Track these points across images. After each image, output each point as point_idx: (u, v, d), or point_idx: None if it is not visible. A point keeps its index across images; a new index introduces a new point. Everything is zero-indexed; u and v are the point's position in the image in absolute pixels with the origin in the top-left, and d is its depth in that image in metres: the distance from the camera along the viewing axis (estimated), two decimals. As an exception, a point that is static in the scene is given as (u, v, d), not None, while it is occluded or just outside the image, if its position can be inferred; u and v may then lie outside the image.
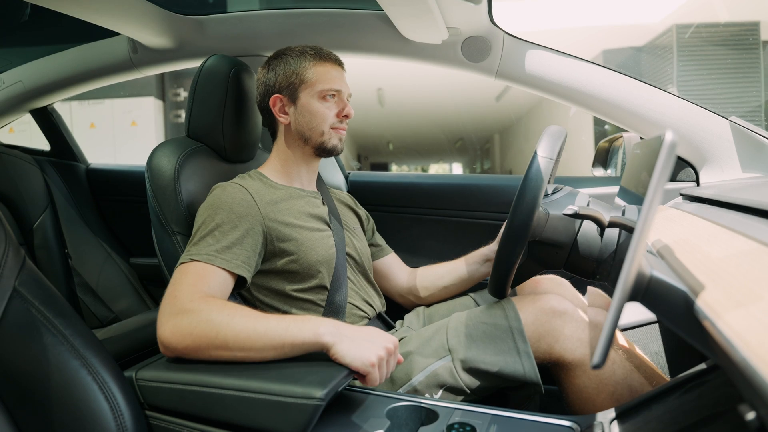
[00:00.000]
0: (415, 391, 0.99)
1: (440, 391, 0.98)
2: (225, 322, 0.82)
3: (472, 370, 0.98)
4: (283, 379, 0.77)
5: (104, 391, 0.76)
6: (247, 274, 0.99)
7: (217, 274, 0.94)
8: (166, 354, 0.86)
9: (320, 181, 1.31)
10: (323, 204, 1.23)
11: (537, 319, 1.00)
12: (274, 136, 1.24)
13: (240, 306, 0.87)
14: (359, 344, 0.81)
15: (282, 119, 1.19)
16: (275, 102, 1.18)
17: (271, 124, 1.23)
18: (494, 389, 1.00)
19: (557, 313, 1.00)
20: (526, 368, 0.96)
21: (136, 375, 0.84)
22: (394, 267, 1.41)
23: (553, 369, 1.01)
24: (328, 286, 1.14)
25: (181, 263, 0.95)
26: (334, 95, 1.17)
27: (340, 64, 1.21)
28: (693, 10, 5.35)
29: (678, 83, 5.30)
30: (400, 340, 1.09)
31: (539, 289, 1.22)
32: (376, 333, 0.84)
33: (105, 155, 5.96)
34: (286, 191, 1.17)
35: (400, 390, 1.00)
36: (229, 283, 0.96)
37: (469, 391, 0.98)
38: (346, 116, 1.19)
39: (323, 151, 1.20)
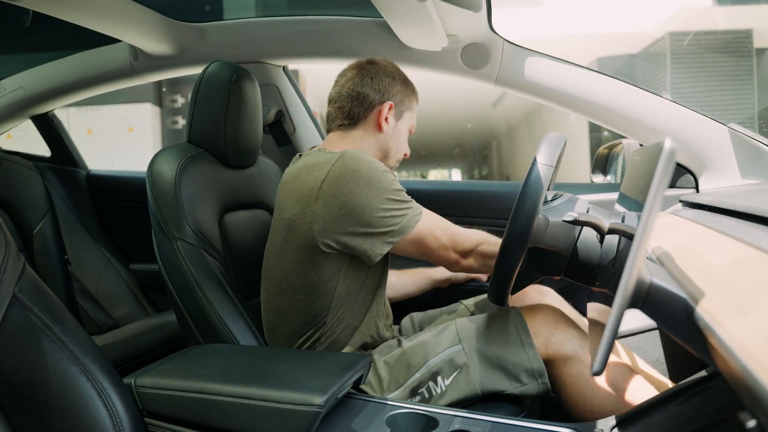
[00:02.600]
0: (431, 374, 1.02)
1: (452, 376, 1.01)
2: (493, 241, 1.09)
3: (480, 358, 1.02)
4: (282, 385, 0.77)
5: (103, 398, 0.76)
6: None
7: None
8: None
9: None
10: None
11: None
12: (349, 124, 1.18)
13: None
14: None
15: (384, 125, 1.18)
16: (388, 107, 1.17)
17: (356, 116, 1.17)
18: (500, 389, 1.01)
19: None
20: (531, 357, 1.00)
21: (135, 382, 0.83)
22: None
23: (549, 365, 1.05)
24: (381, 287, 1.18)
25: (417, 219, 1.04)
26: (410, 134, 1.26)
27: None
28: (687, 18, 5.38)
29: (672, 90, 5.32)
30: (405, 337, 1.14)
31: (526, 300, 1.24)
32: None
33: (102, 162, 5.97)
34: None
35: (416, 374, 1.02)
36: None
37: (477, 383, 1.01)
38: (406, 155, 1.26)
39: None
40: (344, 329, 1.10)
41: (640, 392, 0.97)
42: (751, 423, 0.39)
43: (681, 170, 1.34)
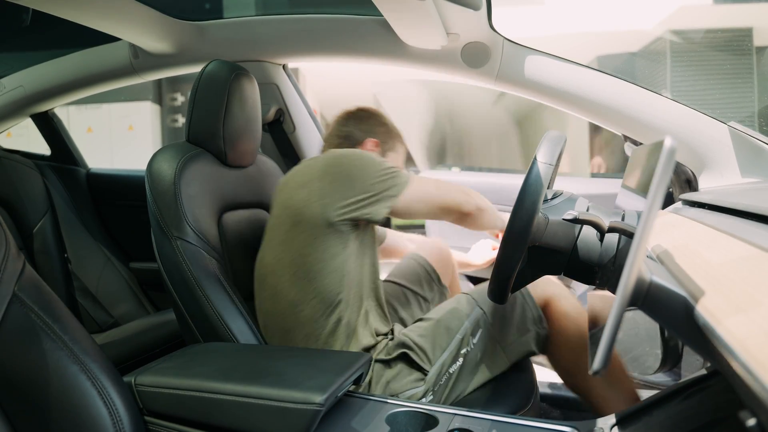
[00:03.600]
0: (469, 333, 1.16)
1: (478, 335, 1.16)
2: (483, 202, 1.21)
3: (494, 315, 1.18)
4: (282, 384, 0.77)
5: (103, 397, 0.76)
6: None
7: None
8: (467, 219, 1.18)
9: None
10: None
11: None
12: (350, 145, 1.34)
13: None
14: None
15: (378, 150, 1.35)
16: (373, 143, 1.33)
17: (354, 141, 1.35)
18: (513, 340, 1.17)
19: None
20: (531, 306, 1.19)
21: (135, 380, 0.83)
22: None
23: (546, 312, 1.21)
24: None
25: (408, 181, 1.13)
26: None
27: None
28: (687, 16, 5.37)
29: (672, 88, 5.31)
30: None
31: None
32: None
33: (102, 160, 5.95)
34: None
35: (457, 335, 1.14)
36: None
37: (497, 337, 1.16)
38: None
39: None
40: (360, 310, 1.15)
41: None
42: (751, 421, 0.39)
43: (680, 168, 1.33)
